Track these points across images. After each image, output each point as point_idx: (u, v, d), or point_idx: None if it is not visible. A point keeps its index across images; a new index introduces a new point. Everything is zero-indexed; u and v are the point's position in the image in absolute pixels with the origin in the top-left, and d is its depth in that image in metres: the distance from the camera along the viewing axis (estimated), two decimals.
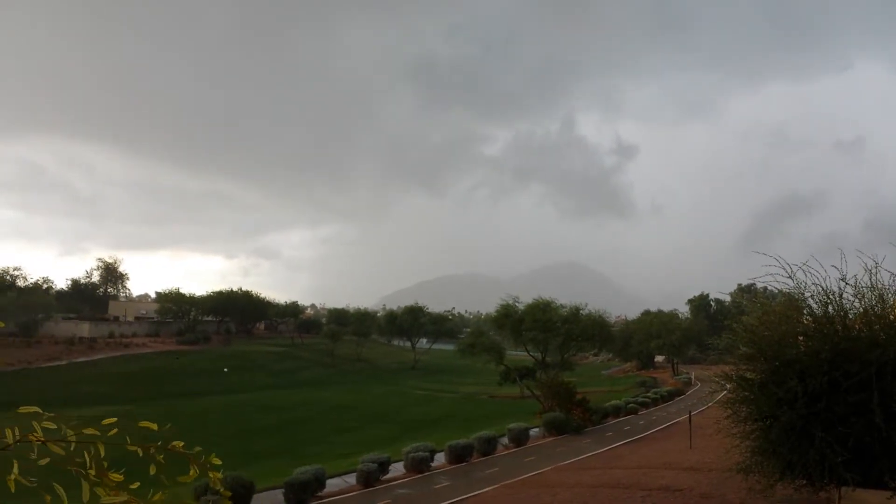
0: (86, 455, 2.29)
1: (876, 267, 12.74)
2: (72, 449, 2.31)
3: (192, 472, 2.51)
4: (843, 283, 12.98)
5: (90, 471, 2.26)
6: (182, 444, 2.51)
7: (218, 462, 2.55)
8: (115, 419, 2.45)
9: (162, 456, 2.46)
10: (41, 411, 2.32)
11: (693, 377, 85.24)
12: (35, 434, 2.25)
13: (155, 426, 2.54)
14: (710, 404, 35.91)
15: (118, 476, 2.32)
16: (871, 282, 12.75)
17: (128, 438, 2.44)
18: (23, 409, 2.36)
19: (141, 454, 2.40)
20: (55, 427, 2.30)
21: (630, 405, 54.20)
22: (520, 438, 38.14)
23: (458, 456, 32.68)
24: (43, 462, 2.24)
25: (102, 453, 2.33)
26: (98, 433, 2.37)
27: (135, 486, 2.38)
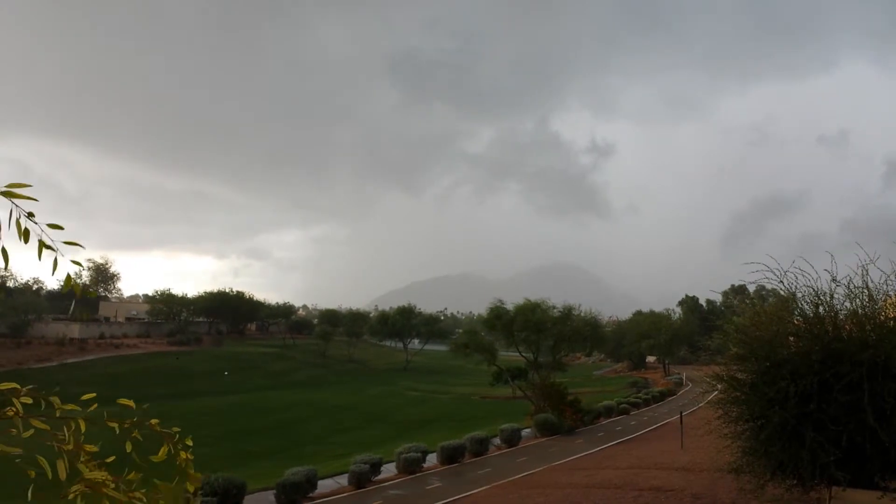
0: (65, 430, 2.27)
1: (867, 266, 12.77)
2: (57, 415, 2.30)
3: (162, 451, 2.49)
4: (833, 284, 13.02)
5: (67, 445, 2.25)
6: (158, 421, 2.50)
7: (190, 443, 2.53)
8: (95, 394, 2.48)
9: (137, 432, 2.44)
10: (19, 387, 2.29)
11: (684, 378, 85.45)
12: (13, 409, 2.22)
13: (132, 403, 2.53)
14: (701, 405, 36.01)
15: (93, 447, 2.31)
16: (862, 282, 12.78)
17: (105, 413, 2.42)
18: (1, 386, 2.33)
19: (118, 431, 2.39)
20: (31, 403, 2.29)
21: (621, 406, 54.34)
22: (512, 439, 38.15)
23: (450, 456, 32.66)
24: (27, 434, 2.21)
25: (83, 429, 2.32)
26: (78, 408, 2.37)
27: (110, 459, 2.37)
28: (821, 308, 13.02)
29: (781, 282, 13.50)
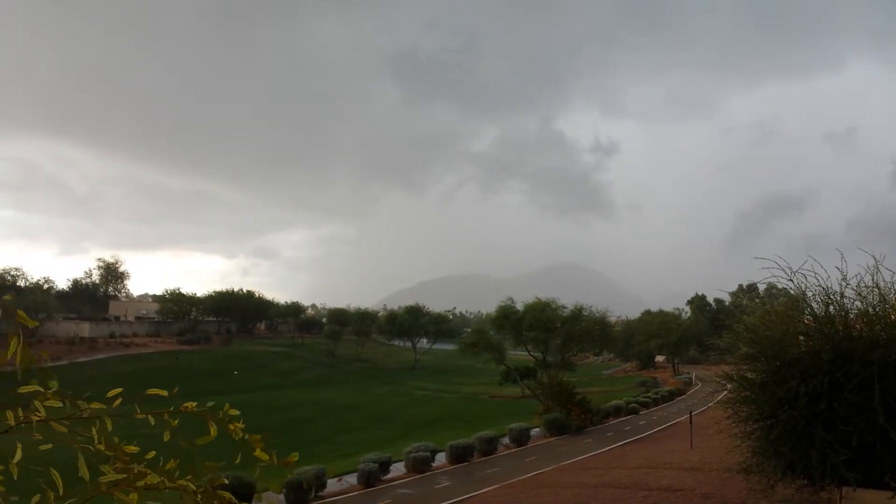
0: (93, 430, 2.16)
1: (878, 264, 12.71)
2: (85, 415, 2.20)
3: (212, 431, 2.38)
4: (843, 283, 12.97)
5: (99, 446, 2.13)
6: (194, 403, 2.38)
7: (236, 412, 2.42)
8: (121, 389, 2.36)
9: (176, 421, 2.34)
10: (42, 389, 2.18)
11: (694, 377, 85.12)
12: (37, 413, 2.12)
13: (165, 392, 2.41)
14: (710, 404, 35.89)
15: (132, 448, 2.20)
16: (873, 281, 12.72)
17: (137, 407, 2.31)
18: (23, 389, 2.22)
19: (153, 422, 2.28)
20: (59, 406, 2.17)
21: (630, 405, 54.14)
22: (520, 438, 38.14)
23: (459, 456, 32.68)
24: (45, 447, 2.11)
25: (110, 427, 2.20)
26: (104, 406, 2.25)
27: (150, 455, 2.28)
28: (831, 307, 12.97)
29: (791, 280, 13.47)
